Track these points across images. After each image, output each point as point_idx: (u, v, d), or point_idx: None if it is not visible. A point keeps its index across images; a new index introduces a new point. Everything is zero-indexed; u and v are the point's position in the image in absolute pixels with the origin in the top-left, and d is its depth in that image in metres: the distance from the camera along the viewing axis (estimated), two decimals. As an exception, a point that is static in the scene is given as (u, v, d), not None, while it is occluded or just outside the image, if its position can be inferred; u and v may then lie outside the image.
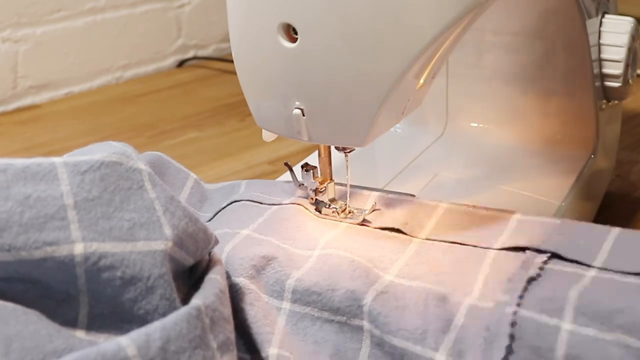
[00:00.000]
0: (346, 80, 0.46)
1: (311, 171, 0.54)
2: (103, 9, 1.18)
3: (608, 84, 0.65)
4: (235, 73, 0.51)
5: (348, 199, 0.54)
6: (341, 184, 0.55)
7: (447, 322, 0.43)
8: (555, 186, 0.63)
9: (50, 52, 1.13)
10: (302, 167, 0.54)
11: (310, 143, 0.50)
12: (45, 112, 1.10)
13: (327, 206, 0.54)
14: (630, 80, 0.67)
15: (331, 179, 0.54)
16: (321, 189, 0.54)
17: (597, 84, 0.65)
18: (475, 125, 0.72)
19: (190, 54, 1.30)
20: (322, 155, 0.54)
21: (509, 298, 0.42)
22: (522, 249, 0.47)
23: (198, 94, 1.15)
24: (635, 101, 0.94)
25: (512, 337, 0.41)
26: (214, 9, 1.31)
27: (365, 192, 0.56)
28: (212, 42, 1.33)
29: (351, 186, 0.55)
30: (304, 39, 0.45)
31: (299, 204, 0.55)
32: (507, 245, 0.48)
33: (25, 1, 1.09)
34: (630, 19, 0.66)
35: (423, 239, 0.50)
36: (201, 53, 1.31)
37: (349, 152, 0.52)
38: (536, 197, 0.61)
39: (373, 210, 0.54)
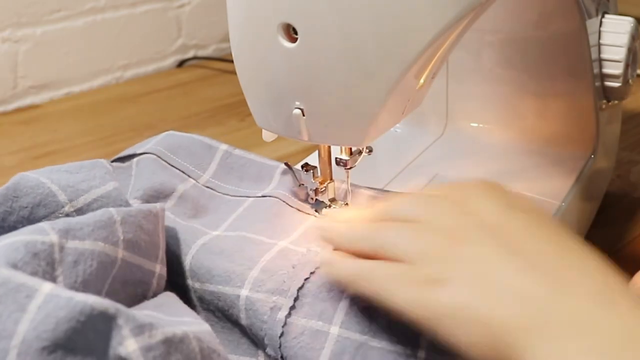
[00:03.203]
0: (346, 80, 0.45)
1: (311, 171, 0.54)
2: (103, 9, 1.18)
3: (608, 84, 0.65)
4: (235, 73, 0.51)
5: (349, 198, 0.54)
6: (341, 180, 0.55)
7: (254, 261, 0.47)
8: (555, 186, 0.63)
9: (50, 52, 1.13)
10: (302, 167, 0.54)
11: (310, 143, 0.50)
12: (45, 112, 1.10)
13: (327, 206, 0.54)
14: (630, 80, 0.67)
15: (331, 179, 0.54)
16: (321, 188, 0.54)
17: (597, 84, 0.65)
18: (475, 125, 0.72)
19: (190, 54, 1.30)
20: (322, 155, 0.54)
21: (321, 249, 0.47)
22: None
23: (198, 94, 1.15)
24: (635, 101, 0.94)
25: (312, 274, 0.46)
26: (214, 9, 1.31)
27: (365, 191, 0.56)
28: (212, 42, 1.33)
29: (351, 185, 0.55)
30: (304, 39, 0.45)
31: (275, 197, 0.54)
32: None
33: (25, 1, 1.09)
34: (630, 19, 0.66)
35: None
36: (201, 53, 1.31)
37: (349, 168, 0.53)
38: (536, 197, 0.61)
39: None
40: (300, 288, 0.46)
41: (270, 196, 0.54)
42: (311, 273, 0.46)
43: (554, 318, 0.33)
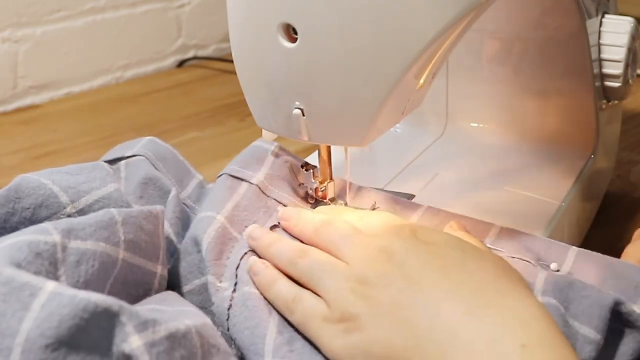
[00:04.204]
0: (346, 80, 0.46)
1: (311, 171, 0.54)
2: (103, 9, 1.18)
3: (608, 84, 0.65)
4: (235, 73, 0.51)
5: (348, 198, 0.54)
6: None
7: (200, 239, 0.49)
8: (555, 186, 0.63)
9: (50, 52, 1.13)
10: (302, 166, 0.54)
11: (310, 143, 0.50)
12: (45, 112, 1.10)
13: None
14: (630, 80, 0.67)
15: (331, 179, 0.54)
16: (321, 188, 0.54)
17: (597, 84, 0.65)
18: (475, 125, 0.72)
19: (190, 54, 1.30)
20: (322, 155, 0.54)
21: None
22: None
23: (198, 94, 1.15)
24: (635, 101, 0.94)
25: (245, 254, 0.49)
26: (214, 9, 1.31)
27: (365, 191, 0.56)
28: (212, 42, 1.33)
29: (351, 185, 0.55)
30: (304, 39, 0.45)
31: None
32: None
33: (25, 1, 1.09)
34: (630, 19, 0.66)
35: None
36: (201, 53, 1.31)
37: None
38: (536, 197, 0.61)
39: (373, 209, 0.54)
40: (237, 267, 0.47)
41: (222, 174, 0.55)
42: (245, 253, 0.48)
43: (430, 344, 0.39)
